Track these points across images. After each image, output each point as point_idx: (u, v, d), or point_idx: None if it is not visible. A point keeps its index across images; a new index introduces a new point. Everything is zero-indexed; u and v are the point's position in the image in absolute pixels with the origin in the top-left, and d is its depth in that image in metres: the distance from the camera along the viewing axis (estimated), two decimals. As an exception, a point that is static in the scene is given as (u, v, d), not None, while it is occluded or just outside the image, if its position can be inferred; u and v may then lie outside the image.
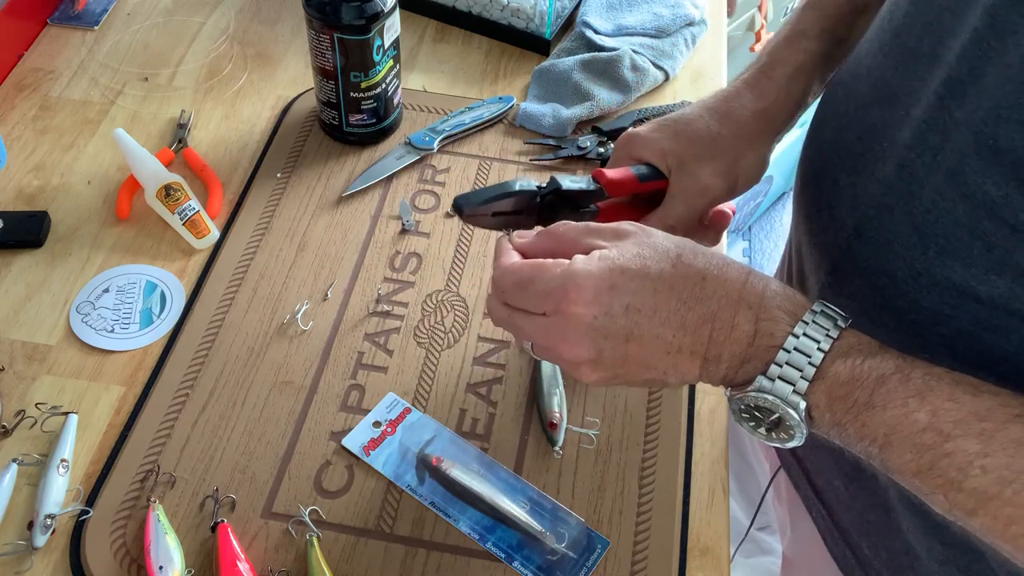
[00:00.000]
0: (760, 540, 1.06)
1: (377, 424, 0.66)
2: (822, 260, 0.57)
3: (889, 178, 0.50)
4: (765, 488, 0.85)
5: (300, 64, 0.94)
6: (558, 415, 0.66)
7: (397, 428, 0.66)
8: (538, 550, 0.60)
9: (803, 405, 0.45)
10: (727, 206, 0.64)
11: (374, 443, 0.65)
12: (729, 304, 0.47)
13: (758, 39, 1.65)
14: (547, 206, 0.60)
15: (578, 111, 0.86)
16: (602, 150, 0.84)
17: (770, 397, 0.45)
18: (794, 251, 0.65)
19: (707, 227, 0.65)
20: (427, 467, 0.64)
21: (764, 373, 0.45)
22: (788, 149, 1.96)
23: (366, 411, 0.67)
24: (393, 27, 0.79)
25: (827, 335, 0.45)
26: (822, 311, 0.46)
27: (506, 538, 0.61)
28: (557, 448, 0.65)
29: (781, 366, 0.45)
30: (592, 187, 0.61)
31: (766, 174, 2.30)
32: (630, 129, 0.64)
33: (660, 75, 0.92)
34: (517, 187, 0.59)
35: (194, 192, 0.79)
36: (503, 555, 0.60)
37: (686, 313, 0.47)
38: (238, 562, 0.58)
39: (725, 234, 0.81)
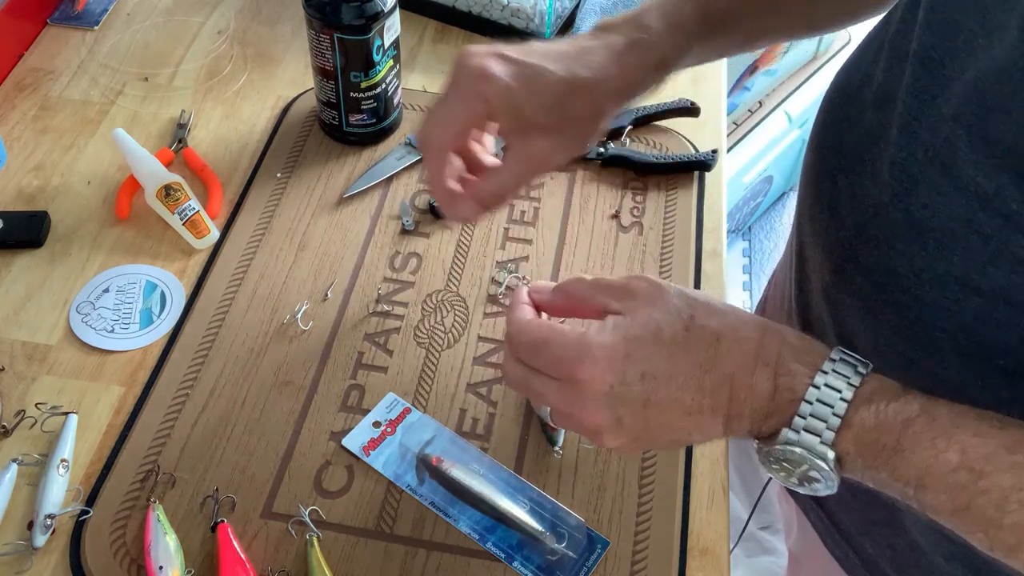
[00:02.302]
0: (762, 539, 1.06)
1: (377, 424, 0.66)
2: (825, 260, 0.58)
3: (885, 177, 0.51)
4: (762, 488, 0.85)
5: (300, 64, 0.94)
6: (558, 415, 0.66)
7: (397, 428, 0.66)
8: (538, 550, 0.60)
9: (831, 455, 0.44)
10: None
11: (374, 443, 0.65)
12: (746, 364, 0.46)
13: (758, 39, 1.65)
14: None
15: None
16: (601, 149, 0.84)
17: (797, 450, 0.44)
18: (795, 253, 0.65)
19: None
20: (427, 467, 0.64)
21: (789, 426, 0.45)
22: (787, 149, 1.96)
23: (366, 411, 0.67)
24: (393, 27, 0.79)
25: (848, 383, 0.44)
26: (841, 359, 0.45)
27: (506, 538, 0.61)
28: (557, 448, 0.65)
29: (805, 418, 0.44)
30: None
31: (766, 174, 2.28)
32: (478, 56, 0.56)
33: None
34: None
35: (194, 192, 0.79)
36: (503, 555, 0.60)
37: (702, 376, 0.47)
38: (238, 562, 0.58)
39: (725, 234, 0.81)
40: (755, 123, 1.84)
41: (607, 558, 0.60)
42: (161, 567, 0.57)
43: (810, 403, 0.44)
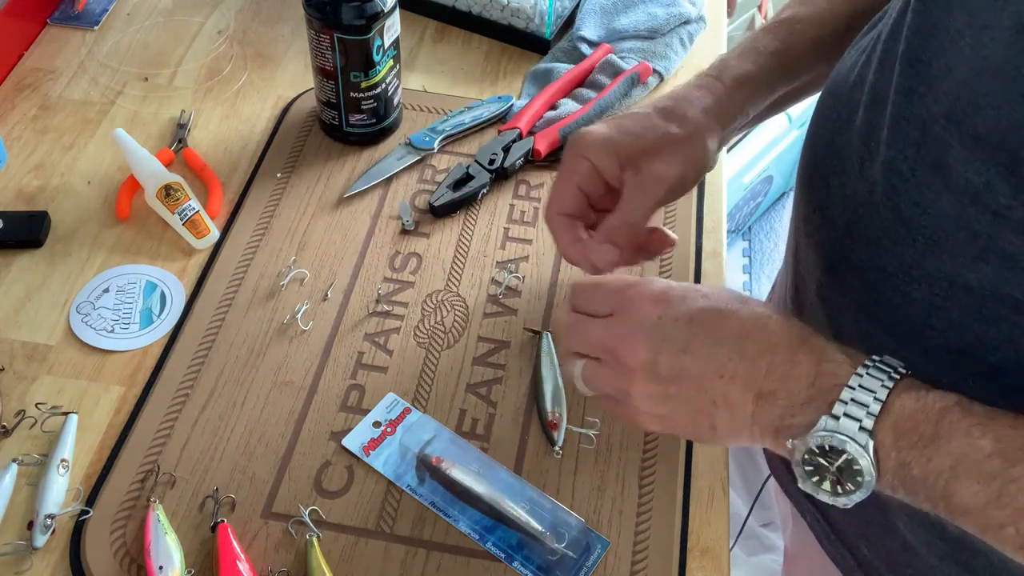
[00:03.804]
0: (763, 537, 1.06)
1: (377, 424, 0.66)
2: (818, 260, 0.58)
3: (876, 176, 0.51)
4: (760, 486, 0.85)
5: (300, 64, 0.94)
6: (558, 415, 0.66)
7: (397, 428, 0.66)
8: (538, 550, 0.60)
9: (872, 444, 0.44)
10: (670, 232, 0.65)
11: (374, 443, 0.65)
12: (791, 342, 0.48)
13: (758, 39, 1.65)
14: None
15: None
16: (602, 150, 0.84)
17: (839, 435, 0.45)
18: (792, 255, 0.66)
19: (646, 248, 0.66)
20: (427, 467, 0.64)
21: (828, 412, 0.45)
22: (787, 150, 1.96)
23: (366, 411, 0.67)
24: (393, 27, 0.79)
25: (890, 376, 0.45)
26: (882, 360, 0.46)
27: (506, 538, 0.61)
28: (557, 448, 0.65)
29: (847, 403, 0.45)
30: (526, 158, 0.83)
31: (766, 174, 2.29)
32: (579, 132, 0.63)
33: (653, 78, 0.92)
34: (478, 186, 0.80)
35: (194, 192, 0.79)
36: (503, 555, 0.60)
37: (745, 340, 0.48)
38: (238, 562, 0.58)
39: (725, 234, 0.81)
40: (755, 123, 1.83)
41: (607, 558, 0.60)
42: (161, 567, 0.57)
43: (853, 388, 0.45)
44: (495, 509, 0.61)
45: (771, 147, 1.89)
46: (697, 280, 0.76)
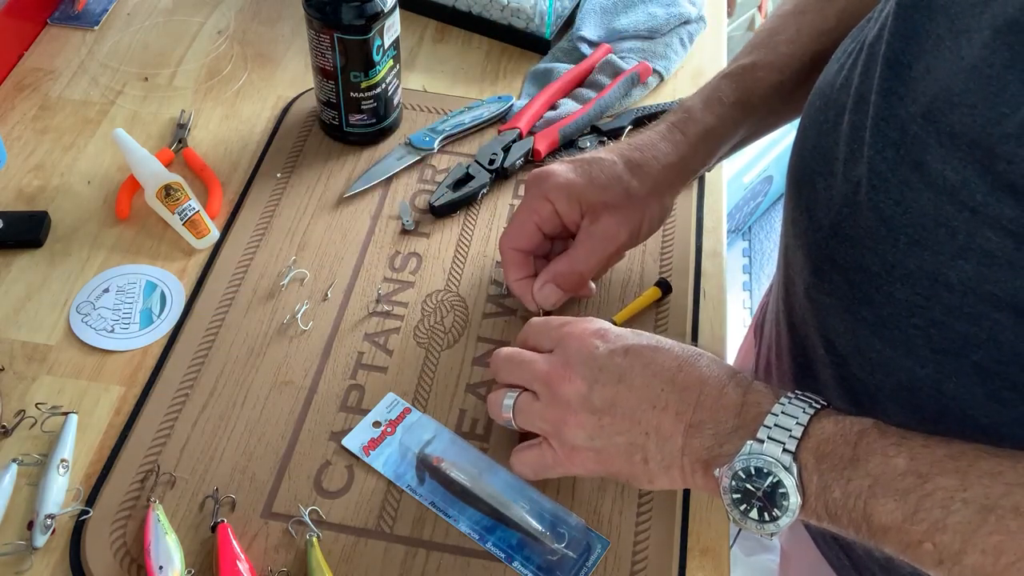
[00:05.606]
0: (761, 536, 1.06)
1: (377, 424, 0.67)
2: (805, 261, 0.59)
3: (860, 177, 0.52)
4: None
5: (300, 64, 0.94)
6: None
7: (397, 428, 0.66)
8: (538, 550, 0.60)
9: (795, 466, 0.47)
10: (591, 286, 0.71)
11: (374, 443, 0.65)
12: (720, 376, 0.51)
13: (758, 39, 1.65)
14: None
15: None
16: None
17: (763, 456, 0.47)
18: (782, 255, 0.67)
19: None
20: (427, 467, 0.64)
21: (753, 438, 0.48)
22: (787, 150, 1.96)
23: (366, 411, 0.67)
24: (393, 27, 0.79)
25: (810, 405, 0.49)
26: (803, 393, 0.50)
27: (506, 538, 0.61)
28: (557, 448, 0.65)
29: (770, 428, 0.48)
30: (526, 158, 0.83)
31: (766, 174, 2.29)
32: (544, 167, 0.67)
33: (653, 78, 0.92)
34: (478, 186, 0.80)
35: (194, 192, 0.79)
36: (503, 555, 0.60)
37: (677, 372, 0.52)
38: (238, 562, 0.58)
39: (725, 234, 0.81)
40: (755, 123, 1.83)
41: (607, 558, 0.60)
42: (161, 567, 0.57)
43: (775, 415, 0.48)
44: (495, 509, 0.61)
45: (771, 147, 1.89)
46: (697, 280, 0.76)
